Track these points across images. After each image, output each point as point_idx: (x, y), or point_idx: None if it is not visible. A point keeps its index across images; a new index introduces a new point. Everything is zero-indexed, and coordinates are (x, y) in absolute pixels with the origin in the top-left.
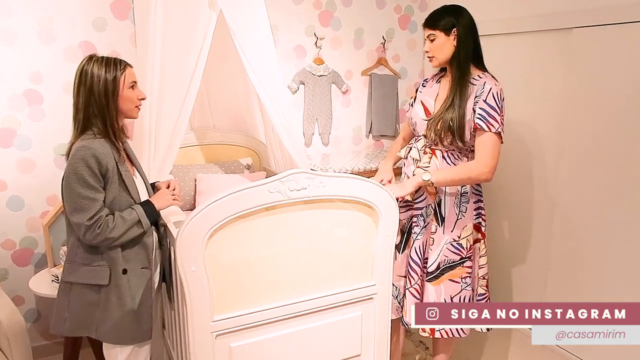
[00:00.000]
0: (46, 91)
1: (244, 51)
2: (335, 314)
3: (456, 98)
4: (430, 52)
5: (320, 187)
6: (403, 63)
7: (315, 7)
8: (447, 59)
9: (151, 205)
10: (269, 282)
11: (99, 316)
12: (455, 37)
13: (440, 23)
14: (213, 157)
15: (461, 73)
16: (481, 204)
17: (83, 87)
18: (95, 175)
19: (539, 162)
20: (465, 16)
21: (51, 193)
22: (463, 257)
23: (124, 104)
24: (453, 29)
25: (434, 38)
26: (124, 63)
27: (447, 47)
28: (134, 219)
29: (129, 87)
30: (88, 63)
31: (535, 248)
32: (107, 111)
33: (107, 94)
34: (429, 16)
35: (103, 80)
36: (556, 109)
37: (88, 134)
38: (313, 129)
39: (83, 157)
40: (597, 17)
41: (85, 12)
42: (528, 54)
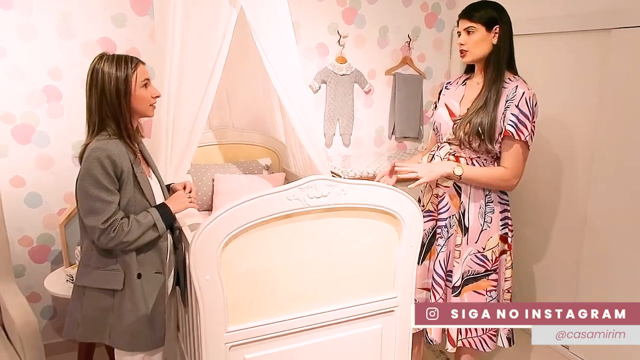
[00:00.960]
0: (65, 87)
1: (265, 50)
2: (354, 327)
3: (490, 100)
4: (466, 46)
5: (341, 194)
6: (428, 63)
7: (339, 4)
8: (481, 57)
9: (167, 209)
10: (285, 292)
11: (112, 322)
12: (496, 35)
13: (482, 16)
14: (231, 157)
15: (497, 74)
16: (508, 213)
17: (95, 89)
18: (110, 177)
19: (570, 168)
20: (506, 14)
21: (68, 190)
22: (488, 269)
23: (138, 104)
24: (495, 25)
25: (473, 30)
26: (135, 60)
27: (485, 44)
28: (149, 223)
29: (141, 85)
30: (99, 62)
31: (565, 257)
32: (120, 112)
33: (119, 94)
34: (470, 7)
35: (114, 80)
36: (591, 113)
37: (102, 135)
38: (334, 129)
39: (98, 158)
40: (637, 18)
41: (105, 8)
42: (563, 55)
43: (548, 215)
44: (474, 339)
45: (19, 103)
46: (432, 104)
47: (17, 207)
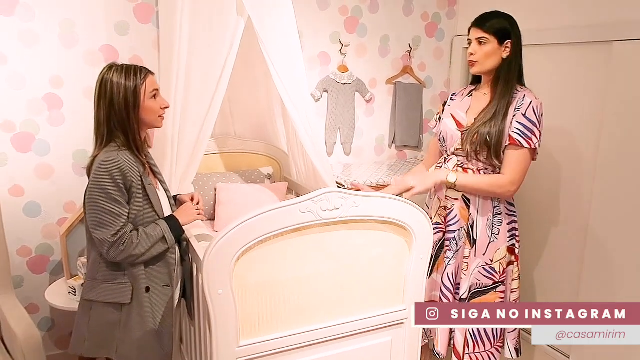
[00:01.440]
0: (66, 96)
1: (272, 59)
2: (364, 340)
3: (499, 113)
4: (476, 56)
5: (353, 207)
6: (429, 72)
7: (341, 13)
8: (490, 70)
9: (175, 221)
10: (297, 305)
11: (120, 336)
12: (507, 49)
13: (496, 28)
14: (233, 166)
15: (507, 88)
16: (515, 224)
17: (103, 100)
18: (120, 190)
19: (573, 178)
20: (518, 28)
21: (69, 200)
22: (496, 281)
23: (147, 115)
24: (507, 40)
25: (485, 42)
26: (145, 71)
27: (496, 57)
28: (159, 235)
29: (150, 97)
30: (108, 72)
31: (566, 266)
32: (129, 124)
33: (128, 106)
34: (483, 17)
35: (123, 91)
36: (594, 123)
37: (111, 146)
38: (335, 138)
39: (108, 170)
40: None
41: (108, 15)
42: (565, 66)
43: (551, 222)
44: (482, 354)
45: (19, 111)
46: (435, 115)
47: (16, 216)
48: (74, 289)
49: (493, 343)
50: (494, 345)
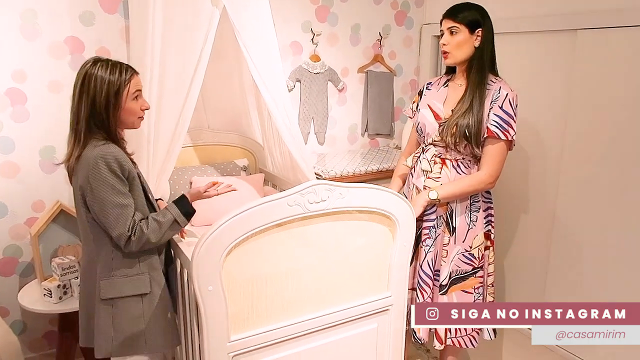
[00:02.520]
0: (30, 90)
1: (249, 50)
2: (352, 328)
3: (475, 102)
4: (448, 47)
5: (339, 198)
6: (399, 60)
7: (312, 2)
8: (463, 60)
9: (184, 198)
10: (286, 298)
11: (146, 328)
12: (478, 37)
13: (466, 17)
14: (208, 159)
15: (481, 77)
16: (491, 210)
17: (85, 96)
18: (121, 180)
19: (540, 164)
20: (489, 18)
21: (37, 198)
22: (475, 267)
23: (126, 117)
24: (478, 28)
25: (456, 31)
26: (130, 71)
27: (467, 46)
28: (170, 220)
29: (132, 98)
30: (92, 67)
31: (535, 250)
32: (108, 123)
33: (109, 107)
34: (454, 7)
35: (106, 90)
36: (559, 111)
37: (97, 140)
38: (309, 127)
39: (106, 163)
40: (602, 20)
41: (72, 5)
42: (531, 54)
43: (518, 211)
44: (463, 338)
45: None
46: (410, 104)
47: None
48: (50, 291)
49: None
50: (474, 329)
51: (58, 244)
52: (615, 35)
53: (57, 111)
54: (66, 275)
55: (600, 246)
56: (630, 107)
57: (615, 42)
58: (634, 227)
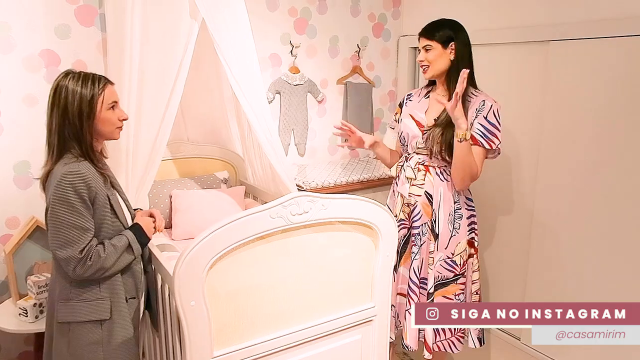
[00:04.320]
0: (4, 104)
1: (227, 61)
2: (335, 340)
3: None
4: (425, 62)
5: (322, 209)
6: (377, 71)
7: (291, 15)
8: (441, 72)
9: (140, 228)
10: (269, 311)
11: (105, 356)
12: (452, 51)
13: (437, 34)
14: (188, 171)
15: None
16: (474, 218)
17: (57, 108)
18: (85, 203)
19: (517, 171)
20: (462, 32)
21: (11, 215)
22: (457, 273)
23: (103, 127)
24: (450, 42)
25: (430, 48)
26: (103, 81)
27: (443, 60)
28: (125, 245)
29: (108, 107)
30: (64, 79)
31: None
32: (82, 134)
33: (82, 115)
34: (427, 27)
35: (78, 100)
36: (534, 120)
37: (69, 157)
38: (289, 139)
39: (71, 183)
40: (573, 31)
41: (47, 18)
42: (506, 65)
43: (497, 215)
44: (443, 342)
45: None
46: (394, 115)
47: None
48: (25, 310)
49: (453, 333)
50: (454, 334)
51: (34, 261)
52: (585, 46)
53: (32, 125)
54: (42, 294)
55: (577, 248)
56: (601, 113)
57: (586, 53)
58: (608, 226)
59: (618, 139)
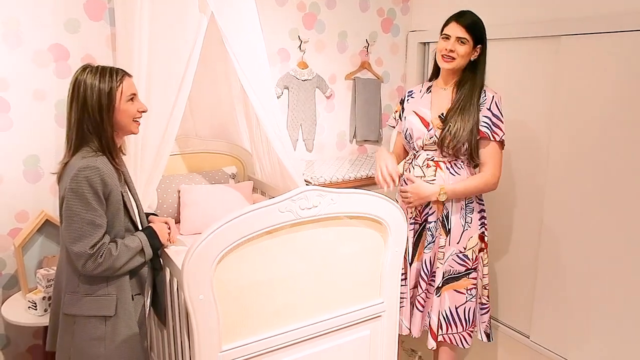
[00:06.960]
0: (14, 98)
1: (236, 56)
2: (344, 335)
3: (472, 106)
4: (455, 53)
5: (331, 204)
6: (386, 67)
7: (299, 9)
8: (460, 68)
9: (153, 232)
10: (277, 306)
11: (106, 352)
12: (476, 53)
13: (476, 32)
14: (196, 167)
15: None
16: (484, 213)
17: (76, 102)
18: (99, 198)
19: (527, 168)
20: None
21: (20, 209)
22: (469, 268)
23: (122, 118)
24: (479, 44)
25: (465, 42)
26: (121, 73)
27: (468, 58)
28: (137, 247)
29: (127, 100)
30: (82, 73)
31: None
32: (102, 128)
33: (102, 109)
34: (466, 17)
35: (97, 94)
36: (544, 116)
37: (87, 151)
38: (297, 134)
39: (87, 178)
40: (585, 26)
41: (56, 13)
42: (516, 60)
43: (506, 216)
44: (454, 335)
45: None
46: (394, 113)
47: None
48: (35, 303)
49: (465, 327)
50: (465, 329)
51: (43, 255)
52: (597, 41)
53: (42, 120)
54: (52, 287)
55: (588, 247)
56: (615, 112)
57: (597, 47)
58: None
59: (631, 135)
